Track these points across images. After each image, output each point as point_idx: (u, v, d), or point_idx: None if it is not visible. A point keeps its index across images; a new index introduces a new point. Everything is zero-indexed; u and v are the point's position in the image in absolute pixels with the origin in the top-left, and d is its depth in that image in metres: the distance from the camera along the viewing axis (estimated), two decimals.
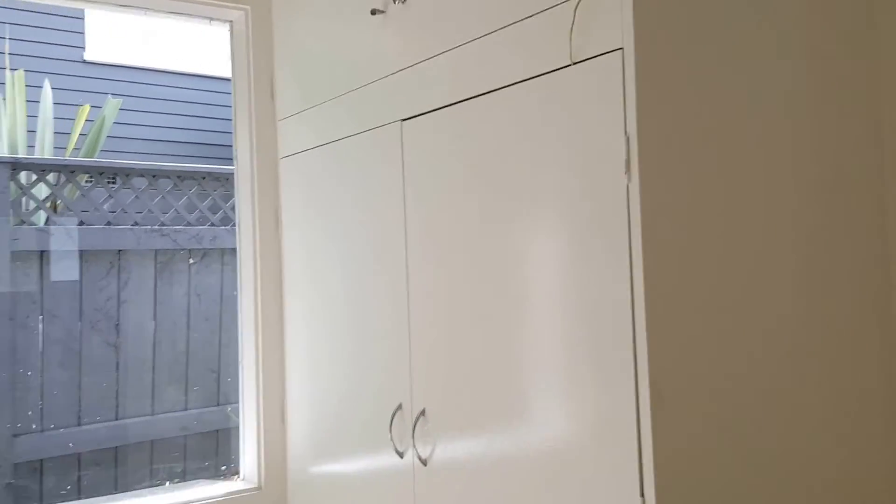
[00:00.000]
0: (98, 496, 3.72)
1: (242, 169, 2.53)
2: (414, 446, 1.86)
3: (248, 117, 2.50)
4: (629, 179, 1.34)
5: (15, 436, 4.27)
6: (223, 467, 4.30)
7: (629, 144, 1.34)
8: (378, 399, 2.01)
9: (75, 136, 5.25)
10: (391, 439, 1.94)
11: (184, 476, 4.52)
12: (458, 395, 1.74)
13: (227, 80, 2.60)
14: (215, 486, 2.49)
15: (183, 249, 4.75)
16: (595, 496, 1.41)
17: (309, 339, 2.35)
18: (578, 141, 1.44)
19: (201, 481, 2.56)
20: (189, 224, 4.78)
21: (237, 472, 2.57)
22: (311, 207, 2.33)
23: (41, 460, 4.37)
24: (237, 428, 2.58)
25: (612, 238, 1.37)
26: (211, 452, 4.67)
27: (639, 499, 1.32)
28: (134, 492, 2.98)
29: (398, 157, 1.92)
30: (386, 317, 1.98)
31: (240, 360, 2.55)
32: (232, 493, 2.45)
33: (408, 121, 1.89)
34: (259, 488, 2.47)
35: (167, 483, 4.44)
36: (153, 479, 4.49)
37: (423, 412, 1.84)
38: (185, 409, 4.77)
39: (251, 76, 2.50)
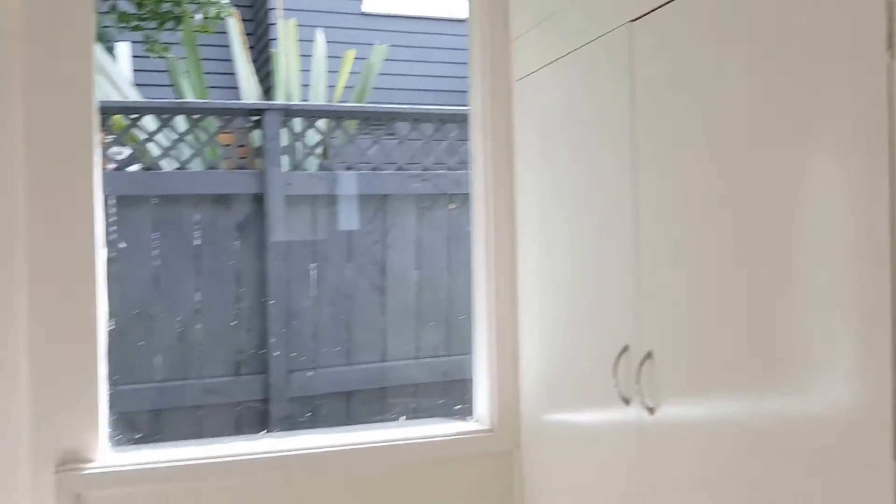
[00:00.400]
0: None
1: (475, 96, 2.39)
2: (640, 392, 1.64)
3: (481, 39, 2.34)
4: (892, 57, 1.03)
5: (290, 372, 4.50)
6: (456, 406, 4.27)
7: (892, 13, 1.04)
8: (603, 341, 1.80)
9: (342, 83, 5.38)
10: (616, 385, 1.73)
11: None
12: (691, 340, 1.50)
13: None
14: (447, 425, 2.42)
15: (444, 194, 4.75)
16: (841, 461, 1.13)
17: (540, 279, 2.18)
18: (832, 21, 1.14)
19: (435, 419, 2.49)
20: (450, 168, 4.76)
21: (471, 414, 2.49)
22: (540, 134, 2.15)
23: (312, 396, 4.59)
24: None
25: (872, 136, 1.07)
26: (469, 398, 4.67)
27: (892, 462, 1.03)
28: (369, 424, 3.00)
29: (626, 68, 1.68)
30: (612, 246, 1.76)
31: (473, 302, 2.44)
32: (462, 433, 2.36)
33: (637, 21, 1.64)
34: (490, 430, 2.36)
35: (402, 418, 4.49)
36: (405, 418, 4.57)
37: (649, 354, 1.61)
38: (447, 354, 4.80)
39: None
